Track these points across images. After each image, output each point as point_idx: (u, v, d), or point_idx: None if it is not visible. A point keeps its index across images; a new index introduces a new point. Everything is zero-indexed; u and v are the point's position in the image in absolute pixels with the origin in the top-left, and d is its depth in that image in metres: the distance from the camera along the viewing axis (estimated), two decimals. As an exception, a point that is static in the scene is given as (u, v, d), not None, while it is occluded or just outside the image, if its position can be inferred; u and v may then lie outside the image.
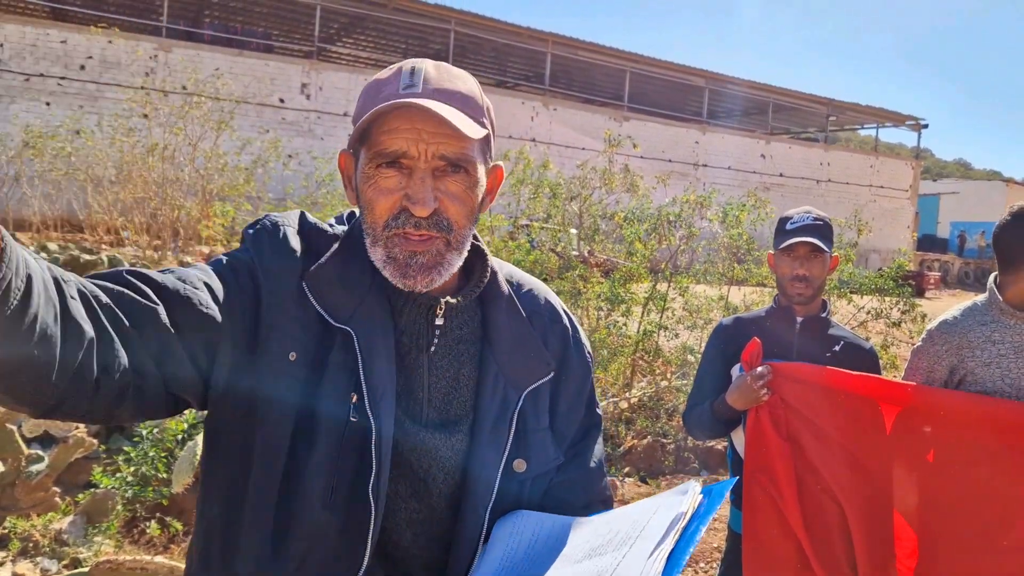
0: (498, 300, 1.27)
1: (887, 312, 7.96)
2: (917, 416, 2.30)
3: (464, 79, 1.18)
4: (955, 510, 2.28)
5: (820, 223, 2.58)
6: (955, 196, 43.75)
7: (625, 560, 1.04)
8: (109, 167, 14.50)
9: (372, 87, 1.17)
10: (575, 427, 1.35)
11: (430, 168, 1.11)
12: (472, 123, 1.12)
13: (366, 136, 1.14)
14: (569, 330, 1.36)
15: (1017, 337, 2.39)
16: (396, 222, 1.12)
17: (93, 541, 3.87)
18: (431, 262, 1.14)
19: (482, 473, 1.20)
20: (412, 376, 1.19)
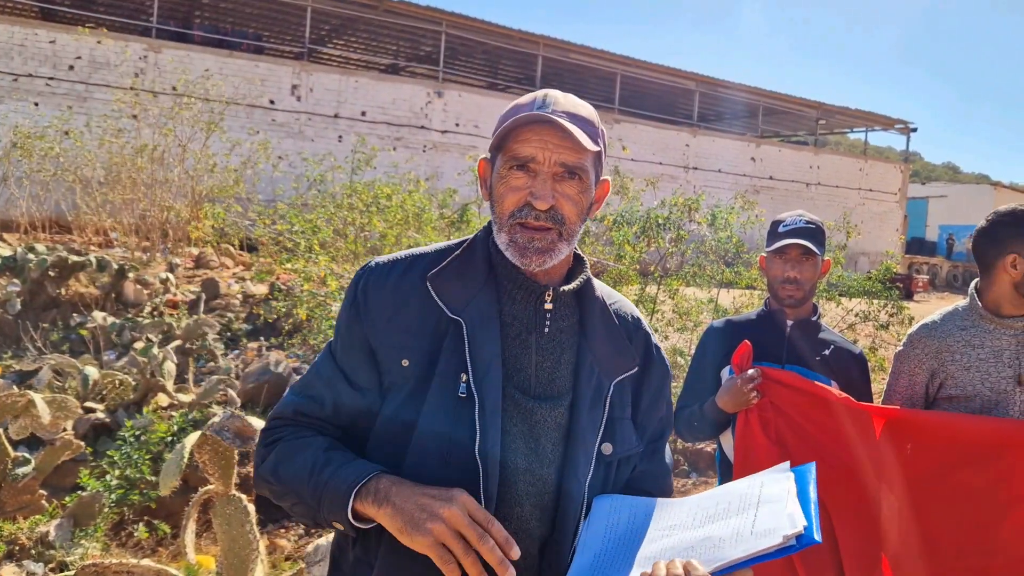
0: (593, 300, 1.51)
1: (875, 315, 8.00)
2: (901, 431, 2.32)
3: (585, 107, 1.45)
4: (940, 515, 2.29)
5: (812, 226, 2.59)
6: (944, 199, 44.00)
7: (760, 515, 1.20)
8: (98, 168, 14.43)
9: (511, 109, 1.44)
10: (654, 423, 1.57)
11: (552, 172, 1.37)
12: (588, 139, 1.37)
13: (503, 145, 1.40)
14: (650, 336, 1.60)
15: (996, 341, 2.40)
16: (520, 213, 1.38)
17: (80, 544, 3.84)
18: (545, 247, 1.38)
19: (582, 446, 1.41)
20: (523, 355, 1.42)
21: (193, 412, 5.18)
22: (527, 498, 1.38)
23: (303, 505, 1.35)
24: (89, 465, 4.67)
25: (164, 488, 3.88)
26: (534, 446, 1.39)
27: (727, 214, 7.87)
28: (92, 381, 5.76)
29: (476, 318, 1.39)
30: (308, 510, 1.34)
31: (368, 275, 1.47)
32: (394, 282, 1.44)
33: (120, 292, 9.10)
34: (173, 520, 4.29)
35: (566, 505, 1.38)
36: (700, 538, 1.21)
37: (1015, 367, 2.38)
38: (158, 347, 6.81)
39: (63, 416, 5.09)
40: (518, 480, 1.37)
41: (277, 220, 10.28)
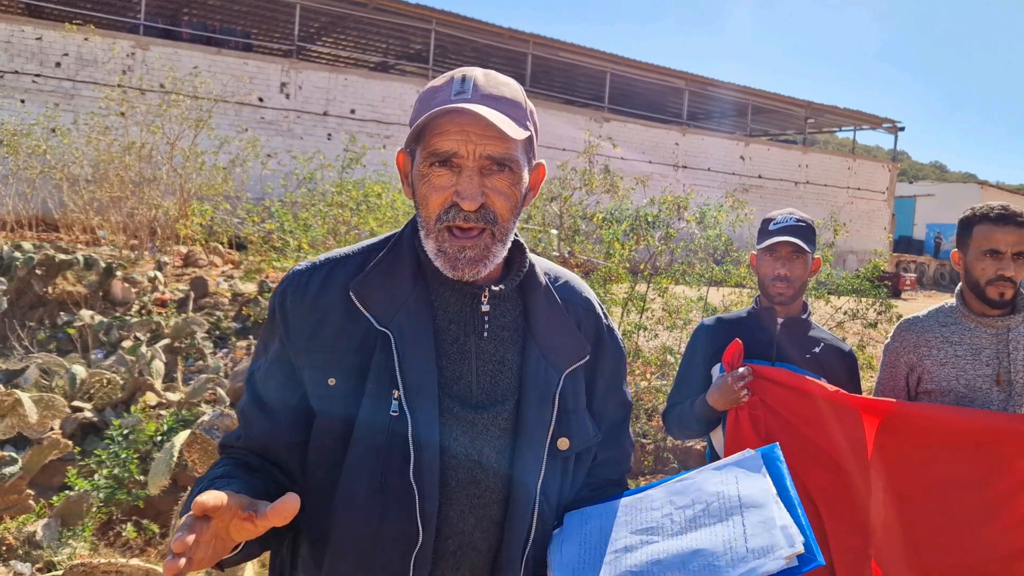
0: (537, 290, 1.40)
1: (864, 313, 8.04)
2: (892, 426, 2.33)
3: (509, 86, 1.31)
4: (930, 509, 2.31)
5: (803, 225, 2.59)
6: (931, 198, 44.22)
7: (749, 525, 1.13)
8: (85, 166, 14.33)
9: (427, 94, 1.30)
10: (612, 408, 1.49)
11: (478, 167, 1.24)
12: (515, 126, 1.25)
13: (421, 137, 1.27)
14: (602, 318, 1.49)
15: (976, 339, 2.43)
16: (447, 215, 1.25)
17: (67, 544, 3.82)
18: (478, 256, 1.27)
19: (530, 449, 1.31)
20: (461, 362, 1.31)
21: (182, 411, 5.16)
22: (472, 512, 1.29)
23: None
24: (77, 464, 4.65)
25: (153, 487, 3.87)
26: (477, 457, 1.29)
27: (716, 212, 7.89)
28: (80, 380, 5.73)
29: (406, 328, 1.27)
30: None
31: (286, 288, 1.34)
32: (314, 294, 1.32)
33: (108, 290, 9.05)
34: (162, 520, 4.27)
35: (514, 511, 1.29)
36: (690, 550, 1.14)
37: (994, 366, 2.40)
38: (146, 346, 6.78)
39: (50, 415, 5.06)
40: (461, 495, 1.28)
41: (266, 218, 10.25)
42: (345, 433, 1.26)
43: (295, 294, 1.32)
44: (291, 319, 1.31)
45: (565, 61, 28.33)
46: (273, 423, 1.31)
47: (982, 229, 2.39)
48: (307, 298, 1.31)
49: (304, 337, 1.30)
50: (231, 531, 1.09)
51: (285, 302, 1.33)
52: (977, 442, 2.27)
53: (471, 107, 1.22)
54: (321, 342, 1.29)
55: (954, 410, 2.35)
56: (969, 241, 2.42)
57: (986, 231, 2.37)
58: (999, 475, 2.25)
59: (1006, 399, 2.39)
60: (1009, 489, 2.25)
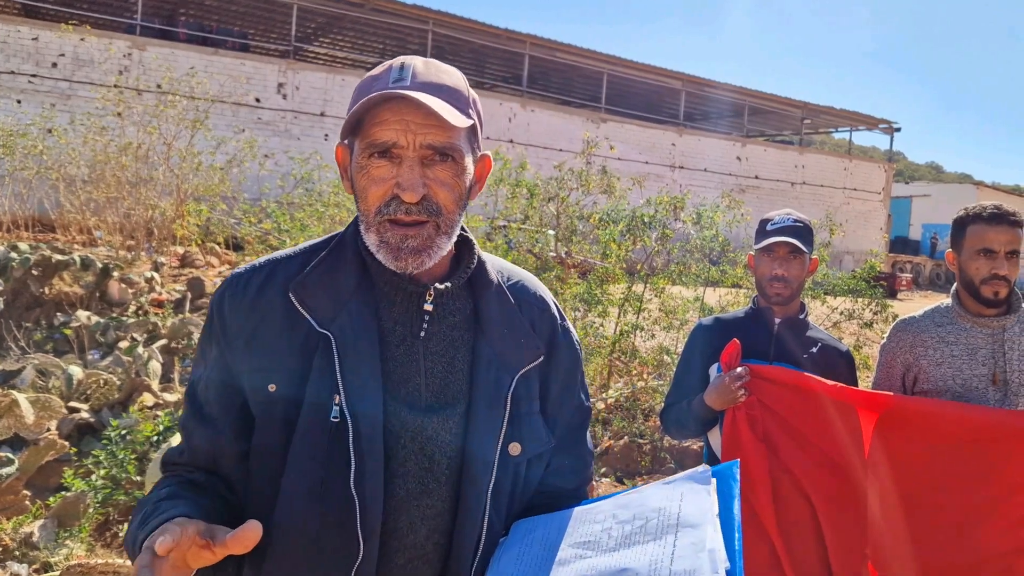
0: (488, 288, 1.34)
1: (860, 313, 8.06)
2: (890, 421, 2.33)
3: (451, 73, 1.26)
4: (927, 510, 2.31)
5: (800, 225, 2.60)
6: (927, 199, 44.31)
7: (679, 546, 1.08)
8: (82, 166, 14.31)
9: (365, 83, 1.24)
10: (567, 412, 1.41)
11: (419, 157, 1.18)
12: (458, 114, 1.19)
13: (359, 128, 1.22)
14: (557, 318, 1.43)
15: (972, 339, 2.44)
16: (388, 208, 1.20)
17: (64, 545, 3.82)
18: (421, 245, 1.21)
19: (480, 453, 1.24)
20: (408, 364, 1.25)
21: (179, 411, 5.15)
22: (423, 523, 1.23)
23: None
24: (73, 465, 4.64)
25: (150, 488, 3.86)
26: (427, 464, 1.23)
27: (712, 213, 7.91)
28: (76, 381, 5.72)
29: (348, 330, 1.21)
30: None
31: (224, 291, 1.28)
32: (252, 297, 1.25)
33: (104, 291, 9.04)
34: (159, 520, 4.27)
35: (463, 519, 1.23)
36: (616, 569, 1.09)
37: (990, 366, 2.41)
38: (143, 346, 6.77)
39: (47, 416, 5.05)
40: (410, 506, 1.22)
41: (263, 219, 10.24)
42: (285, 441, 1.20)
43: (233, 297, 1.27)
44: (229, 322, 1.25)
45: (562, 62, 28.34)
46: (217, 433, 1.26)
47: (975, 229, 2.41)
48: (246, 301, 1.25)
49: (243, 341, 1.24)
50: (188, 559, 1.05)
51: (223, 305, 1.27)
52: (976, 438, 2.27)
53: (410, 93, 1.16)
54: (260, 346, 1.23)
55: (953, 405, 2.36)
56: (963, 241, 2.44)
57: (979, 231, 2.39)
58: (998, 472, 2.26)
59: (1002, 398, 2.40)
60: (1008, 487, 2.26)
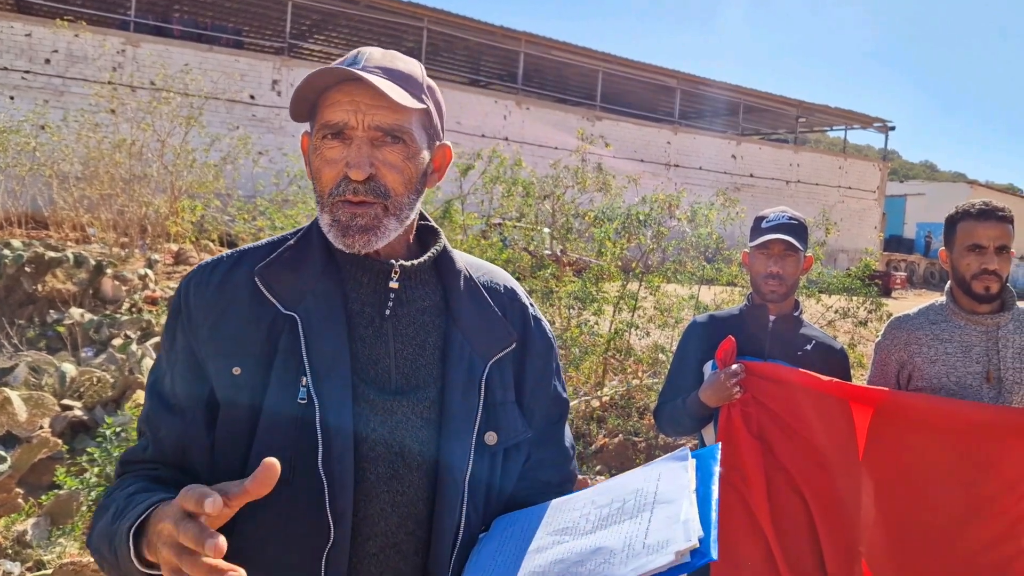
0: (456, 275, 1.34)
1: (854, 311, 8.07)
2: (885, 417, 2.34)
3: (406, 61, 1.28)
4: (921, 508, 2.31)
5: (795, 223, 2.61)
6: (921, 197, 44.45)
7: (654, 522, 1.07)
8: (75, 163, 14.26)
9: (323, 69, 1.23)
10: (544, 403, 1.41)
11: (367, 137, 1.20)
12: (408, 96, 1.21)
13: (314, 113, 1.24)
14: (528, 308, 1.43)
15: (966, 337, 2.45)
16: (338, 189, 1.21)
17: (57, 543, 3.81)
18: (369, 224, 1.21)
19: (456, 441, 1.24)
20: (377, 345, 1.25)
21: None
22: (394, 510, 1.21)
23: (115, 568, 1.10)
24: (66, 463, 4.63)
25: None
26: (398, 449, 1.21)
27: (707, 211, 7.91)
28: (69, 378, 5.70)
29: (314, 311, 1.22)
30: (117, 571, 1.10)
31: (190, 278, 1.29)
32: (218, 282, 1.26)
33: (98, 288, 9.01)
34: (152, 518, 4.26)
35: (441, 508, 1.22)
36: (591, 549, 1.08)
37: (984, 363, 2.42)
38: (137, 344, 6.75)
39: (40, 413, 5.04)
40: (380, 491, 1.20)
41: (257, 216, 10.22)
42: (252, 425, 1.19)
43: (198, 285, 1.27)
44: (193, 310, 1.25)
45: (557, 59, 28.33)
46: (186, 424, 1.23)
47: (965, 225, 2.43)
48: (210, 288, 1.26)
49: (207, 327, 1.23)
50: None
51: (189, 293, 1.27)
52: (970, 435, 2.27)
53: (361, 74, 1.18)
54: (225, 331, 1.22)
55: (948, 400, 2.36)
56: (954, 238, 2.47)
57: (969, 227, 2.42)
58: (993, 469, 2.25)
59: (996, 396, 2.40)
60: (1003, 484, 2.26)
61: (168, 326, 1.30)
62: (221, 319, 1.23)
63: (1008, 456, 2.25)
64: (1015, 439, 2.24)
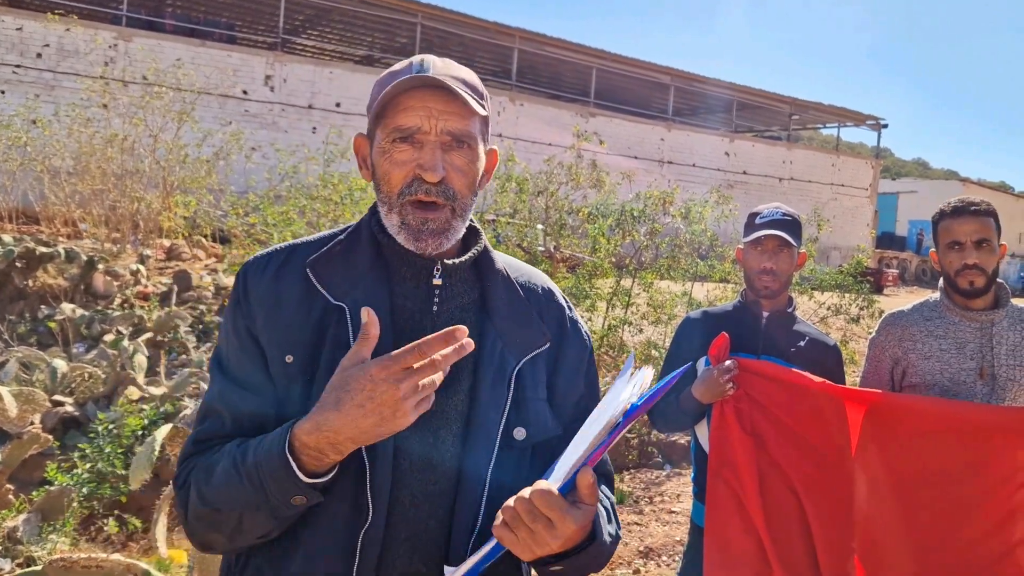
0: (495, 275, 1.40)
1: (847, 308, 8.10)
2: (877, 416, 2.34)
3: (464, 70, 1.35)
4: (915, 505, 2.32)
5: (789, 219, 2.61)
6: (913, 195, 44.56)
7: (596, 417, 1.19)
8: (66, 158, 14.19)
9: (385, 77, 1.32)
10: (573, 402, 1.44)
11: (439, 142, 1.27)
12: (474, 102, 1.29)
13: (382, 117, 1.30)
14: (565, 310, 1.48)
15: (960, 333, 2.46)
16: (409, 189, 1.28)
17: (48, 539, 3.79)
18: (440, 228, 1.29)
19: (482, 433, 1.29)
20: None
21: (165, 405, 5.12)
22: (425, 499, 1.27)
23: (253, 510, 1.19)
24: (57, 459, 4.61)
25: (134, 482, 3.84)
26: (432, 439, 1.27)
27: (701, 208, 7.92)
28: (61, 374, 5.68)
29: (362, 302, 1.27)
30: (261, 511, 1.19)
31: (247, 268, 1.37)
32: (272, 274, 1.33)
33: (89, 284, 8.97)
34: (144, 515, 4.24)
35: (462, 499, 1.27)
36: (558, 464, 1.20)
37: (977, 360, 2.43)
38: (128, 340, 6.73)
39: (31, 409, 5.01)
40: (414, 476, 1.26)
41: (249, 212, 10.19)
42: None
43: (255, 274, 1.34)
44: (251, 297, 1.32)
45: (551, 56, 28.31)
46: (260, 400, 1.29)
47: (944, 224, 2.47)
48: (265, 278, 1.33)
49: (263, 315, 1.30)
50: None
51: (246, 282, 1.34)
52: (963, 435, 2.28)
53: (437, 78, 1.25)
54: (278, 320, 1.29)
55: (941, 401, 2.37)
56: (937, 238, 2.50)
57: (947, 225, 2.46)
58: (985, 468, 2.27)
59: (989, 392, 2.41)
60: (993, 483, 2.27)
61: (228, 312, 1.36)
62: (275, 308, 1.30)
63: (997, 454, 2.26)
64: (1003, 437, 2.25)
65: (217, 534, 1.24)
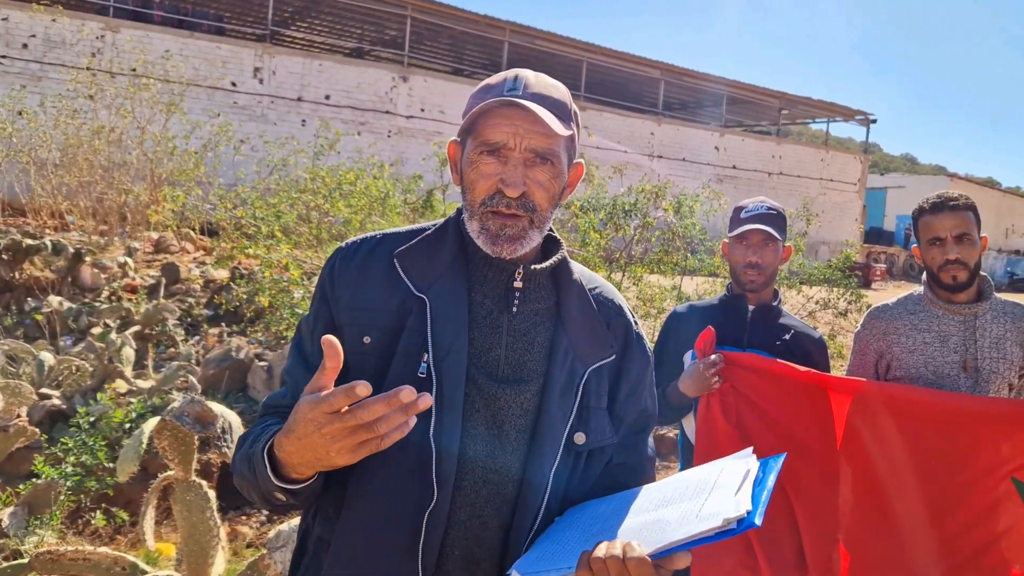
0: (571, 285, 1.47)
1: (835, 302, 8.14)
2: (862, 406, 2.36)
3: (557, 87, 1.41)
4: (899, 496, 2.34)
5: (774, 212, 2.62)
6: (902, 190, 44.74)
7: (710, 500, 1.18)
8: (53, 149, 14.08)
9: (482, 89, 1.40)
10: (632, 414, 1.52)
11: (522, 158, 1.34)
12: (560, 124, 1.34)
13: (473, 128, 1.37)
14: (632, 325, 1.55)
15: (943, 327, 2.48)
16: (491, 201, 1.35)
17: (34, 532, 3.77)
18: (517, 235, 1.35)
19: (549, 435, 1.36)
20: (492, 336, 1.39)
21: (152, 398, 5.10)
22: (485, 485, 1.34)
23: (255, 488, 1.30)
24: (44, 452, 4.58)
25: (122, 474, 3.82)
26: (496, 432, 1.35)
27: (692, 202, 7.94)
28: (48, 367, 5.65)
29: (442, 296, 1.36)
30: (255, 493, 1.31)
31: (338, 254, 1.46)
32: (361, 258, 1.42)
33: (76, 276, 8.92)
34: (132, 508, 4.23)
35: (527, 493, 1.35)
36: (651, 521, 1.21)
37: (961, 353, 2.45)
38: (116, 332, 6.70)
39: (17, 402, 4.99)
40: (477, 467, 1.34)
41: (238, 204, 10.14)
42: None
43: (343, 260, 1.43)
44: (337, 280, 1.41)
45: (542, 49, 28.27)
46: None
47: (924, 221, 2.50)
48: (354, 262, 1.42)
49: (347, 297, 1.39)
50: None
51: (334, 267, 1.44)
52: (948, 425, 2.29)
53: (523, 102, 1.32)
54: (361, 302, 1.38)
55: (927, 391, 2.39)
56: (919, 234, 2.52)
57: (927, 221, 2.48)
58: (969, 460, 2.28)
59: (973, 385, 2.43)
60: (978, 474, 2.28)
61: (315, 294, 1.47)
62: (359, 291, 1.39)
63: (982, 445, 2.28)
64: (988, 428, 2.27)
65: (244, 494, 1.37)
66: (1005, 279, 36.32)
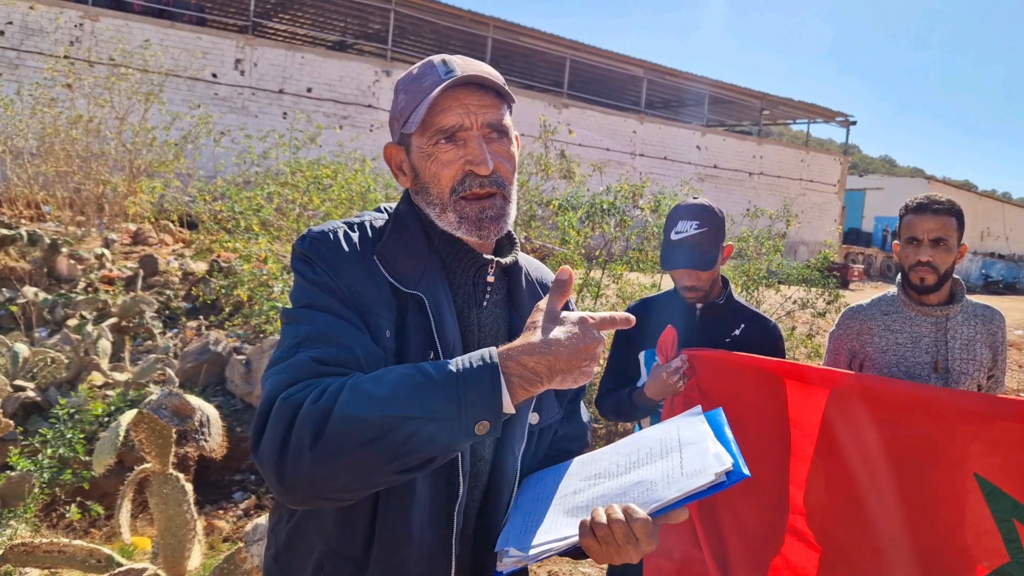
0: (519, 272, 1.49)
1: (813, 302, 8.20)
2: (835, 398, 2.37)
3: (484, 65, 1.40)
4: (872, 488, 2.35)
5: (703, 230, 2.46)
6: (880, 192, 45.15)
7: (686, 457, 1.23)
8: (30, 138, 13.91)
9: (412, 84, 1.35)
10: (573, 391, 1.58)
11: (482, 135, 1.32)
12: (506, 90, 1.35)
13: (419, 122, 1.31)
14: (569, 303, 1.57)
15: (916, 328, 2.53)
16: (462, 186, 1.32)
17: (8, 525, 3.74)
18: (497, 214, 1.34)
19: (517, 418, 1.38)
20: (467, 331, 1.39)
21: (129, 391, 5.07)
22: (473, 477, 1.39)
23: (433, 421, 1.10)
24: (19, 444, 4.54)
25: (98, 467, 3.79)
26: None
27: (671, 201, 7.97)
28: (22, 359, 5.59)
29: (433, 291, 1.33)
30: (438, 425, 1.11)
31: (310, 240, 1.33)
32: (344, 251, 1.31)
33: (52, 267, 8.83)
34: (107, 501, 4.20)
35: (499, 479, 1.40)
36: (631, 483, 1.24)
37: (932, 354, 2.50)
38: (92, 324, 6.64)
39: (-9, 394, 4.93)
40: (476, 459, 1.39)
41: (217, 198, 10.06)
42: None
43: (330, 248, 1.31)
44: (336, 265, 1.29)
45: (525, 46, 28.24)
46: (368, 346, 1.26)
47: (907, 219, 2.55)
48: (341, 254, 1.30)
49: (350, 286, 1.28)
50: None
51: (320, 249, 1.30)
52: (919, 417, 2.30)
53: (475, 75, 1.31)
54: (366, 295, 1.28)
55: (898, 382, 2.41)
56: (901, 232, 2.57)
57: (909, 220, 2.54)
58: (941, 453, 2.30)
59: (943, 386, 2.48)
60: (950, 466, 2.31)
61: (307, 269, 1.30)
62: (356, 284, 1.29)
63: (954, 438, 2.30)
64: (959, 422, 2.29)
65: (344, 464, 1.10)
66: (980, 281, 36.76)
